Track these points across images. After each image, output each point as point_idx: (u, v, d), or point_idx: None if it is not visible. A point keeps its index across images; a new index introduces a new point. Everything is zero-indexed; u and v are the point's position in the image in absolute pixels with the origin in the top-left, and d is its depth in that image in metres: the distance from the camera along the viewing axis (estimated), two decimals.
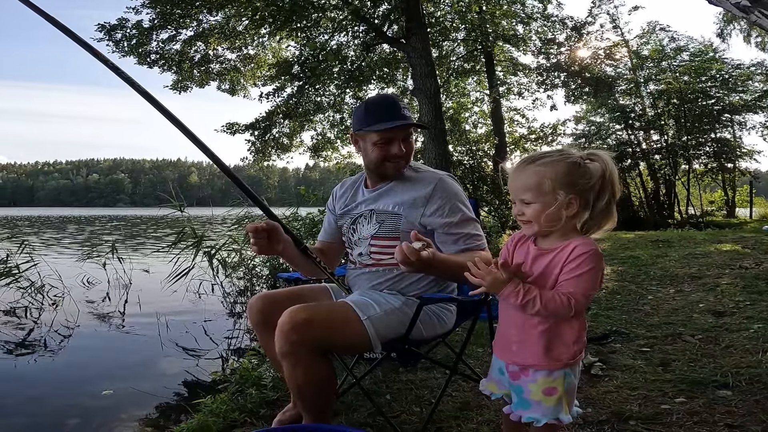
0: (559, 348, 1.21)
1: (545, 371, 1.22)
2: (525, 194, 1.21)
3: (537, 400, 1.23)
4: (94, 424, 2.36)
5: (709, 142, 14.86)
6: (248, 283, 5.37)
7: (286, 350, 1.43)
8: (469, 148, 11.36)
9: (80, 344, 3.90)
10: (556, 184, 1.17)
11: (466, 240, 1.66)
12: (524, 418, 1.25)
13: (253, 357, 2.71)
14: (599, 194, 1.18)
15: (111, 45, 10.34)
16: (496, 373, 1.34)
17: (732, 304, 3.34)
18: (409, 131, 1.72)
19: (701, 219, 13.56)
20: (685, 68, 14.49)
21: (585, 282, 1.14)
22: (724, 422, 1.71)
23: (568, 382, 1.23)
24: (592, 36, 12.94)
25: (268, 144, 13.07)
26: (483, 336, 2.75)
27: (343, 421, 1.89)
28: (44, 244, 12.60)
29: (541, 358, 1.21)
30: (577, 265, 1.15)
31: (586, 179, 1.17)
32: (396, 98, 1.75)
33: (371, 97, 1.81)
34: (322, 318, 1.47)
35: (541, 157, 1.20)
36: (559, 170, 1.17)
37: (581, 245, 1.17)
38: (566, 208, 1.17)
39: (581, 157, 1.19)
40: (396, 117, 1.66)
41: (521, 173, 1.21)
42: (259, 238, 1.60)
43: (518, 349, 1.25)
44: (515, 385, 1.27)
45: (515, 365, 1.26)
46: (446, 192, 1.68)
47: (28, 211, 71.87)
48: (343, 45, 11.90)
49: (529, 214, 1.21)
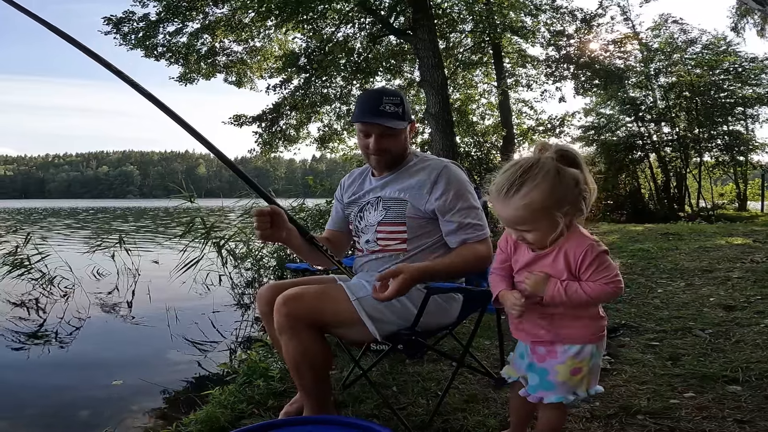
0: (588, 323, 1.27)
1: (576, 347, 1.27)
2: (521, 226, 1.21)
3: (563, 381, 1.29)
4: (105, 414, 2.39)
5: (721, 135, 14.64)
6: (256, 274, 5.39)
7: (281, 322, 1.49)
8: (476, 139, 11.29)
9: (91, 335, 3.95)
10: (550, 207, 1.17)
11: (466, 230, 1.66)
12: (547, 399, 1.30)
13: (261, 348, 2.73)
14: (581, 196, 1.20)
15: (118, 38, 10.37)
16: (516, 356, 1.40)
17: (743, 299, 3.30)
18: (383, 128, 1.67)
19: (712, 212, 13.40)
20: (697, 61, 14.26)
21: (607, 269, 1.20)
22: (734, 417, 1.70)
23: (593, 361, 1.29)
24: (602, 28, 12.75)
25: (276, 136, 13.07)
26: (490, 328, 2.74)
27: (349, 412, 1.89)
28: (55, 234, 12.73)
29: (573, 333, 1.27)
30: (589, 264, 1.20)
31: (570, 187, 1.17)
32: (383, 93, 1.69)
33: (366, 91, 1.82)
34: (313, 294, 1.55)
35: (522, 184, 1.16)
36: (545, 190, 1.15)
37: (576, 247, 1.21)
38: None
39: (557, 169, 1.16)
40: (372, 113, 1.65)
41: (507, 205, 1.19)
42: (263, 222, 1.61)
43: (547, 331, 1.30)
44: (540, 367, 1.31)
45: (543, 347, 1.30)
46: (450, 179, 1.68)
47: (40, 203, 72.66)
48: (349, 37, 11.84)
49: (531, 239, 1.23)
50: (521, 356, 1.38)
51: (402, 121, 1.69)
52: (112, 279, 5.90)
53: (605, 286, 1.19)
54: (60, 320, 4.31)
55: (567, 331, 1.28)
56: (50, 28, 1.65)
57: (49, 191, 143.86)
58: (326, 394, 1.65)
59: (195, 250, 5.31)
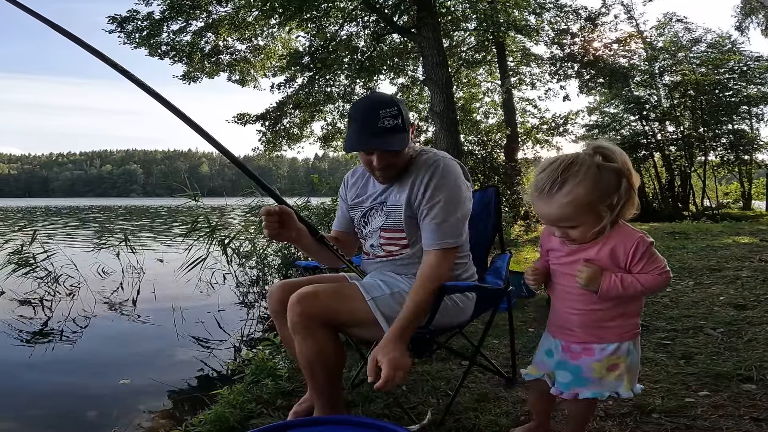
0: (624, 321, 1.30)
1: (614, 345, 1.29)
2: (566, 223, 1.23)
3: (598, 377, 1.31)
4: (113, 414, 2.37)
5: (726, 134, 14.58)
6: (260, 272, 5.38)
7: (296, 321, 1.46)
8: (480, 138, 11.26)
9: (97, 334, 3.94)
10: (594, 202, 1.19)
11: (444, 235, 1.56)
12: (582, 395, 1.33)
13: (268, 347, 2.71)
14: (623, 192, 1.22)
15: (123, 36, 10.38)
16: (541, 356, 1.43)
17: (753, 298, 3.27)
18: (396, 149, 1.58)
19: (717, 211, 13.35)
20: (702, 59, 14.20)
21: (657, 260, 1.23)
22: (750, 416, 1.68)
23: (630, 359, 1.31)
24: (606, 27, 12.70)
25: (279, 134, 13.08)
26: (499, 327, 2.72)
27: (359, 411, 1.87)
28: (60, 233, 12.76)
29: (609, 333, 1.29)
30: (641, 256, 1.23)
31: (613, 181, 1.19)
32: (378, 106, 1.54)
33: (356, 103, 1.66)
34: (328, 293, 1.52)
35: (564, 181, 1.18)
36: (589, 186, 1.18)
37: (626, 240, 1.23)
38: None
39: (597, 165, 1.19)
40: (373, 132, 1.53)
41: (550, 203, 1.21)
42: (271, 222, 1.59)
43: (582, 329, 1.32)
44: (573, 365, 1.34)
45: (578, 345, 1.33)
46: (436, 174, 1.60)
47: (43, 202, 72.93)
48: (353, 35, 11.82)
49: (575, 235, 1.25)
50: (548, 354, 1.39)
51: (404, 133, 1.58)
52: (117, 277, 5.91)
53: (657, 277, 1.22)
54: (66, 319, 4.31)
55: (601, 331, 1.30)
56: (55, 27, 1.62)
57: (52, 190, 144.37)
58: (338, 393, 1.64)
59: (200, 249, 5.31)
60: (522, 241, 7.78)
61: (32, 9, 1.66)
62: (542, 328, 2.89)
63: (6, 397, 2.69)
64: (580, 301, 1.30)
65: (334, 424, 1.35)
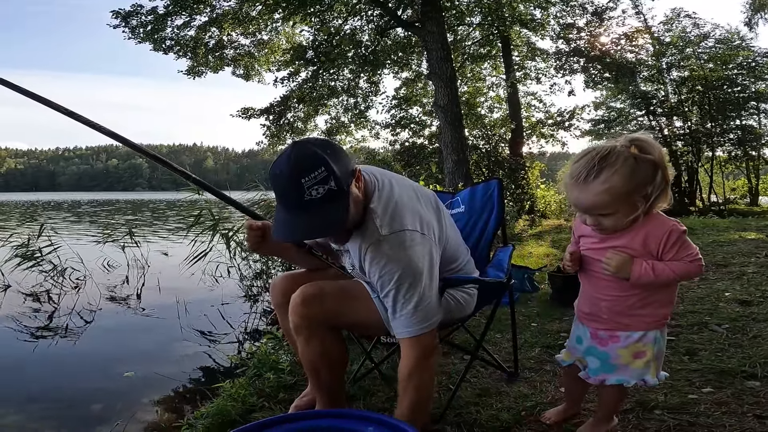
0: (653, 310, 1.32)
1: (639, 333, 1.32)
2: (601, 211, 1.25)
3: (625, 364, 1.35)
4: (117, 407, 2.38)
5: (734, 129, 14.45)
6: (264, 266, 5.39)
7: (299, 323, 1.43)
8: (484, 132, 11.21)
9: (102, 327, 3.97)
10: (630, 192, 1.21)
11: (409, 324, 1.35)
12: (609, 381, 1.37)
13: (270, 341, 2.72)
14: (658, 184, 1.23)
15: (127, 31, 10.39)
16: (572, 342, 1.48)
17: (759, 294, 3.24)
18: (334, 230, 1.36)
19: (723, 206, 13.24)
20: (710, 55, 14.05)
21: (689, 248, 1.26)
22: (753, 413, 1.66)
23: (657, 347, 1.35)
24: (613, 21, 12.58)
25: (283, 128, 13.10)
26: (501, 322, 2.71)
27: (361, 405, 1.88)
28: (66, 227, 12.84)
29: (636, 321, 1.32)
30: (673, 244, 1.25)
31: (649, 171, 1.21)
32: (299, 174, 1.22)
33: (274, 171, 1.28)
34: (333, 292, 1.47)
35: (601, 170, 1.20)
36: (626, 175, 1.20)
37: (659, 228, 1.25)
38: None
39: (633, 154, 1.21)
40: (293, 214, 1.27)
41: (586, 191, 1.23)
42: (253, 236, 1.57)
43: (610, 316, 1.35)
44: (601, 351, 1.38)
45: (605, 332, 1.36)
46: (378, 255, 1.33)
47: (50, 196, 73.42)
48: (357, 29, 11.77)
49: (608, 224, 1.27)
50: (578, 341, 1.44)
51: (341, 199, 1.27)
52: (122, 271, 5.94)
53: (690, 264, 1.25)
54: (71, 312, 4.33)
55: (629, 319, 1.33)
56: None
57: (59, 184, 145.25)
58: (340, 389, 1.63)
59: (203, 243, 5.32)
60: (526, 236, 7.75)
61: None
62: (545, 322, 2.90)
63: (12, 389, 2.72)
64: (612, 287, 1.33)
65: (336, 418, 1.35)
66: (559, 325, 2.77)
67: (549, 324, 2.82)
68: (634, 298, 1.32)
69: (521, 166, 10.85)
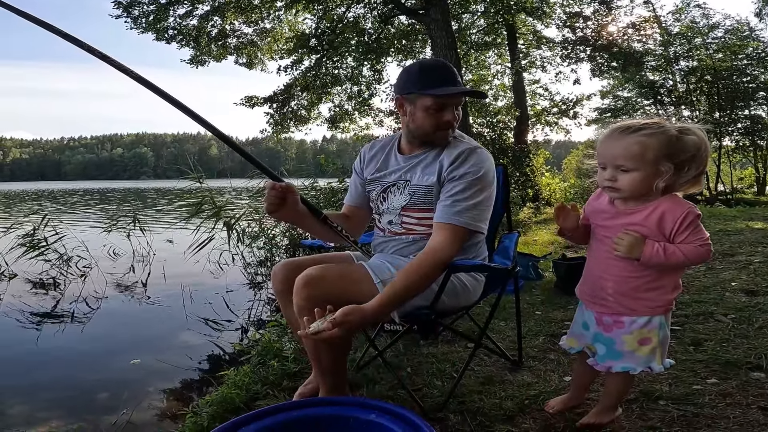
0: (658, 295, 1.32)
1: (644, 318, 1.32)
2: (626, 162, 1.25)
3: (630, 350, 1.35)
4: (123, 396, 2.40)
5: (742, 119, 14.29)
6: (268, 253, 5.41)
7: (302, 305, 1.43)
8: (489, 120, 11.12)
9: (108, 315, 4.00)
10: (660, 156, 1.22)
11: (461, 212, 1.51)
12: (615, 368, 1.37)
13: (274, 328, 2.73)
14: (691, 165, 1.24)
15: (129, 21, 10.33)
16: (578, 328, 1.47)
17: (765, 284, 3.21)
18: (461, 100, 1.65)
19: (731, 196, 13.14)
20: (719, 45, 13.84)
21: (701, 232, 1.26)
22: (758, 405, 1.65)
23: (662, 333, 1.34)
24: (621, 10, 12.37)
25: (287, 116, 13.06)
26: (506, 309, 2.71)
27: (364, 393, 1.88)
28: (72, 215, 12.90)
29: (641, 305, 1.31)
30: (687, 226, 1.25)
31: (688, 149, 1.22)
32: (450, 64, 1.66)
33: (425, 60, 1.70)
34: (336, 275, 1.49)
35: (641, 128, 1.23)
36: (662, 142, 1.22)
37: (676, 209, 1.25)
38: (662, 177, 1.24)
39: (678, 130, 1.23)
40: (454, 83, 1.59)
41: (620, 140, 1.24)
42: (274, 197, 1.56)
43: (615, 297, 1.35)
44: (607, 337, 1.38)
45: (610, 317, 1.36)
46: (473, 155, 1.59)
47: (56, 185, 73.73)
48: (360, 17, 11.65)
49: (624, 181, 1.26)
50: (584, 327, 1.43)
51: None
52: (127, 259, 5.97)
53: (699, 248, 1.24)
54: (78, 300, 4.37)
55: (634, 302, 1.32)
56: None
57: (65, 173, 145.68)
58: (342, 375, 1.64)
59: (207, 231, 5.34)
60: (531, 223, 7.72)
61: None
62: (549, 311, 2.89)
63: (18, 377, 2.75)
64: (619, 267, 1.32)
65: (341, 405, 1.35)
66: (563, 314, 2.76)
67: (553, 312, 2.81)
68: (640, 280, 1.31)
69: (526, 153, 10.76)
